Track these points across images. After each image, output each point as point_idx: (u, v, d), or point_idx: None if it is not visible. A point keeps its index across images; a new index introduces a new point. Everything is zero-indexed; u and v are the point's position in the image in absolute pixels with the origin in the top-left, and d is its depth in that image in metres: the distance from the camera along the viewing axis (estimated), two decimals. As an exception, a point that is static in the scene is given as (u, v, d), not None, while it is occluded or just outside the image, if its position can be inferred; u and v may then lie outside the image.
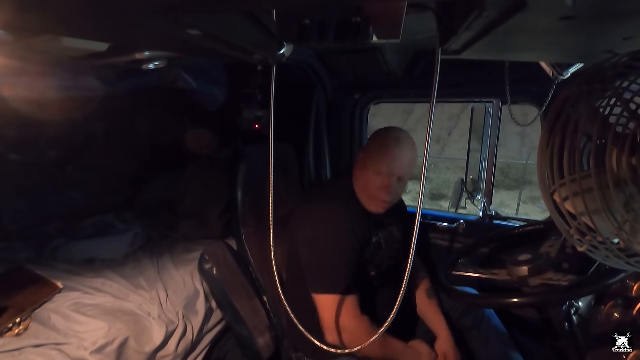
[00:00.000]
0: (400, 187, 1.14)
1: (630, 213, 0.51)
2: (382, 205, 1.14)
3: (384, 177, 1.10)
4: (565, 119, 0.58)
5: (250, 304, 1.27)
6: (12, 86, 0.76)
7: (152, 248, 1.64)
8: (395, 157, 1.10)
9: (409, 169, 1.13)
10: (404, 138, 1.13)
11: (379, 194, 1.11)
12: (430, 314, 1.23)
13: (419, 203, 0.62)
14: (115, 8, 0.30)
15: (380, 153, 1.10)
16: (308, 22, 0.61)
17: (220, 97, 1.44)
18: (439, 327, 1.18)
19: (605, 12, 0.37)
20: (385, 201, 1.13)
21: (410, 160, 1.12)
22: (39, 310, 1.17)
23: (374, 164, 1.10)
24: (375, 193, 1.12)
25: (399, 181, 1.12)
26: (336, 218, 1.10)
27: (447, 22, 0.53)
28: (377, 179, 1.10)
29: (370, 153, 1.13)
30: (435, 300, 1.25)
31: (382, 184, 1.10)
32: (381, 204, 1.14)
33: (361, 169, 1.15)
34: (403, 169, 1.11)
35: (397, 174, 1.11)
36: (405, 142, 1.12)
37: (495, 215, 1.57)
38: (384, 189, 1.10)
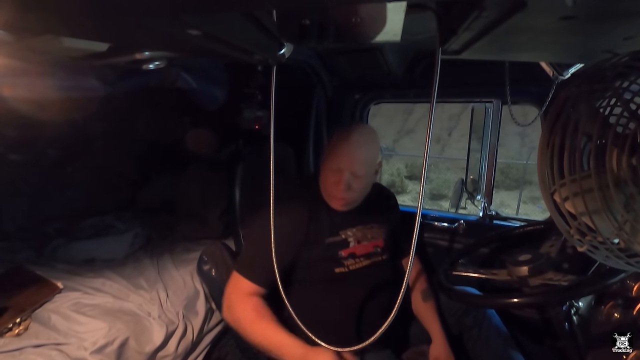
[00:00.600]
0: (357, 184, 1.09)
1: (630, 213, 0.51)
2: (339, 202, 1.12)
3: (335, 173, 1.08)
4: (565, 119, 0.58)
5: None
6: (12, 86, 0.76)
7: (152, 248, 1.64)
8: (345, 152, 1.07)
9: (361, 165, 1.08)
10: (357, 133, 1.10)
11: (334, 190, 1.10)
12: (425, 316, 1.21)
13: (419, 203, 0.62)
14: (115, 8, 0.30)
15: (332, 149, 1.10)
16: (308, 22, 0.61)
17: (220, 97, 1.44)
18: (433, 330, 1.17)
19: (605, 12, 0.37)
20: (341, 198, 1.10)
21: (363, 155, 1.08)
22: (39, 310, 1.17)
23: (328, 161, 1.10)
24: (331, 190, 1.11)
25: (355, 177, 1.08)
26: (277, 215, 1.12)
27: (447, 22, 0.53)
28: (330, 176, 1.09)
29: (326, 150, 1.13)
30: (431, 301, 1.23)
31: (335, 180, 1.08)
32: (338, 201, 1.11)
33: (321, 166, 1.15)
34: (353, 164, 1.07)
35: (348, 170, 1.07)
36: (357, 138, 1.09)
37: (495, 215, 1.57)
38: (336, 185, 1.08)
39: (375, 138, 1.16)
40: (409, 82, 1.53)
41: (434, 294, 1.25)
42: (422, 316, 1.23)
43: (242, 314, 1.02)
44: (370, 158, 1.11)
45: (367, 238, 1.19)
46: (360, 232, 1.18)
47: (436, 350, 1.14)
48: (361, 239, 1.17)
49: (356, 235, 1.17)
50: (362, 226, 1.19)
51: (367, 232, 1.19)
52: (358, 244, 1.16)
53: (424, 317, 1.22)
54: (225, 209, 1.62)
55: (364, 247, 1.17)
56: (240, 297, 1.04)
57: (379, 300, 1.15)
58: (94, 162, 1.90)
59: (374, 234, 1.20)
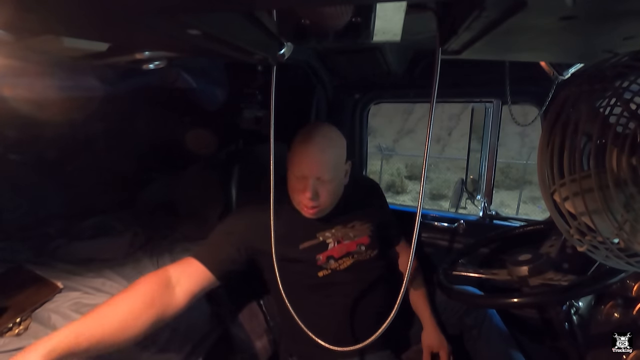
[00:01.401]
0: (325, 189, 1.02)
1: (630, 213, 0.51)
2: (309, 211, 1.05)
3: (300, 180, 1.01)
4: (565, 119, 0.58)
5: (248, 307, 1.27)
6: (12, 86, 0.76)
7: (152, 248, 1.64)
8: (308, 157, 0.99)
9: (327, 169, 1.00)
10: (319, 136, 1.01)
11: (301, 198, 1.03)
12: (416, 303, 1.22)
13: (419, 203, 0.62)
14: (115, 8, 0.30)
15: (293, 154, 1.02)
16: (308, 22, 0.62)
17: (220, 97, 1.44)
18: (424, 318, 1.18)
19: (605, 12, 0.37)
20: (310, 206, 1.03)
21: (328, 159, 1.00)
22: (39, 310, 1.17)
23: (290, 167, 1.03)
24: (299, 198, 1.04)
25: (322, 183, 1.01)
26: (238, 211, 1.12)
27: (447, 22, 0.53)
28: (295, 183, 1.03)
29: (289, 156, 1.04)
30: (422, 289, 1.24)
31: (301, 188, 1.02)
32: (308, 209, 1.04)
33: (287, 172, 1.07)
34: (318, 170, 0.99)
35: (313, 176, 1.00)
36: (319, 140, 1.01)
37: (495, 215, 1.57)
38: (303, 192, 1.01)
39: (339, 137, 1.07)
40: (409, 82, 1.53)
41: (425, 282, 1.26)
42: (413, 304, 1.23)
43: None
44: (336, 160, 1.03)
45: (349, 237, 1.14)
46: (341, 232, 1.13)
47: (428, 338, 1.15)
48: (342, 238, 1.13)
49: (336, 235, 1.12)
50: (341, 226, 1.14)
51: (348, 231, 1.15)
52: (338, 244, 1.12)
53: (414, 304, 1.23)
54: (225, 209, 1.63)
55: (345, 246, 1.13)
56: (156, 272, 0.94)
57: (373, 297, 1.14)
58: (94, 162, 1.90)
59: (357, 232, 1.16)
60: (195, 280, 0.94)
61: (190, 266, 0.96)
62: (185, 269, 0.95)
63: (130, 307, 0.81)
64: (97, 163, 1.91)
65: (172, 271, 0.93)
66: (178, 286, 0.91)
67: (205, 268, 0.97)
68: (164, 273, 0.92)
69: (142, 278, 0.89)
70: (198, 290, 0.95)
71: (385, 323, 0.71)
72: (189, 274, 0.94)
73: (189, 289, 0.92)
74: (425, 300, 1.21)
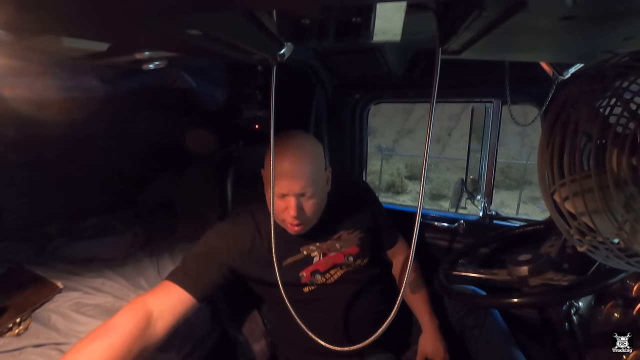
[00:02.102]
0: (310, 204, 0.97)
1: (630, 213, 0.51)
2: (295, 229, 1.00)
3: (280, 198, 0.95)
4: (565, 119, 0.58)
5: (246, 311, 1.28)
6: (12, 86, 0.76)
7: (152, 248, 1.64)
8: (283, 175, 0.92)
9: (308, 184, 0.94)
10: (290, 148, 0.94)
11: (286, 217, 0.98)
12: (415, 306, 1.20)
13: (419, 203, 0.62)
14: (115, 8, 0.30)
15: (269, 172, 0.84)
16: (308, 22, 0.62)
17: (220, 97, 1.44)
18: (423, 321, 1.16)
19: (605, 12, 0.37)
20: (295, 224, 0.98)
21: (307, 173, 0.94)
22: (39, 310, 1.17)
23: (268, 184, 0.93)
24: (282, 216, 0.98)
25: (305, 199, 0.96)
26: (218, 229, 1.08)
27: (447, 22, 0.53)
28: (277, 201, 0.96)
29: (265, 170, 0.97)
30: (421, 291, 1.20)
31: (284, 206, 0.96)
32: (292, 227, 0.99)
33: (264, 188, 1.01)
34: (298, 187, 0.93)
35: (294, 193, 0.94)
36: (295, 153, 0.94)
37: (495, 215, 1.57)
38: (287, 211, 0.96)
39: (315, 146, 1.00)
40: (409, 82, 1.53)
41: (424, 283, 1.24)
42: (412, 307, 1.21)
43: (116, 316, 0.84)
44: (316, 172, 0.97)
45: (336, 248, 1.10)
46: (326, 244, 1.09)
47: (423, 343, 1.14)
48: (327, 250, 1.09)
49: (321, 248, 1.08)
50: (328, 236, 1.10)
51: (334, 242, 1.10)
52: (324, 257, 1.08)
53: (413, 307, 1.21)
54: (224, 209, 1.63)
55: (331, 259, 1.09)
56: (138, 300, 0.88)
57: (368, 305, 1.13)
58: (94, 162, 1.90)
59: (343, 242, 1.11)
60: (178, 311, 0.90)
61: (172, 295, 0.90)
62: (167, 299, 0.89)
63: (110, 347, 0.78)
64: (97, 163, 1.91)
65: (152, 303, 0.87)
66: (160, 320, 0.86)
67: (189, 295, 0.91)
68: (143, 307, 0.86)
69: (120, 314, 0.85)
70: (181, 320, 0.91)
71: (384, 325, 0.71)
72: (171, 305, 0.89)
73: (172, 321, 0.88)
74: (425, 303, 1.19)
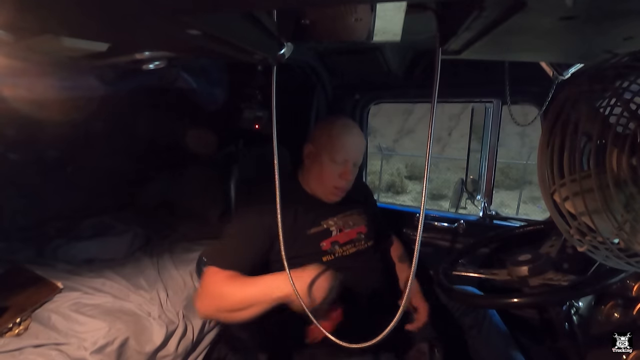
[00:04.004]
0: (354, 173, 1.16)
1: (630, 213, 0.51)
2: (339, 193, 1.15)
3: (340, 165, 1.11)
4: (565, 119, 0.58)
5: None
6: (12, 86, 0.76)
7: (152, 248, 1.64)
8: (350, 143, 1.12)
9: (361, 154, 1.17)
10: (351, 124, 1.16)
11: (338, 182, 1.12)
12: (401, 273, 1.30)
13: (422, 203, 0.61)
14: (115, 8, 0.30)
15: (334, 141, 1.11)
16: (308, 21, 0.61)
17: (220, 97, 1.44)
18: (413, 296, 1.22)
19: (605, 12, 0.37)
20: (343, 189, 1.15)
21: (363, 145, 1.17)
22: (39, 310, 1.17)
23: (329, 153, 1.11)
24: (333, 182, 1.13)
25: (355, 167, 1.15)
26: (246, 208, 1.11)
27: (447, 22, 0.53)
28: (334, 168, 1.11)
29: (322, 143, 1.13)
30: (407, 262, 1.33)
31: (341, 172, 1.12)
32: (338, 192, 1.15)
33: (313, 160, 1.15)
34: (358, 155, 1.14)
35: (352, 160, 1.13)
36: (354, 128, 1.15)
37: (495, 215, 1.57)
38: (343, 176, 1.12)
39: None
40: (409, 82, 1.53)
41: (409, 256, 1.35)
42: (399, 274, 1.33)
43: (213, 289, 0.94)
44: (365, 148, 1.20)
45: (349, 225, 1.20)
46: (342, 220, 1.19)
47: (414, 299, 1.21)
48: (343, 226, 1.18)
49: (337, 223, 1.18)
50: (342, 214, 1.20)
51: (348, 219, 1.21)
52: (340, 232, 1.17)
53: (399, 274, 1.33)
54: (225, 209, 1.63)
55: (346, 234, 1.18)
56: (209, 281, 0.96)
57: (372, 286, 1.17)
58: (94, 162, 1.90)
59: (355, 220, 1.22)
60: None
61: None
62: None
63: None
64: (97, 163, 1.91)
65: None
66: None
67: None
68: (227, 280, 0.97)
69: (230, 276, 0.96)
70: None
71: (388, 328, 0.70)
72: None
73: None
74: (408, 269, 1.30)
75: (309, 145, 1.17)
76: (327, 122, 1.17)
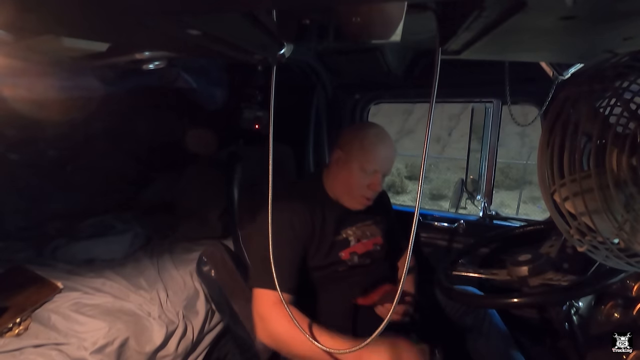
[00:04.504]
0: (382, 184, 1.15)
1: (630, 213, 0.51)
2: (365, 202, 1.13)
3: (370, 175, 1.08)
4: (565, 119, 0.58)
5: (249, 306, 1.26)
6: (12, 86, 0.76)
7: (152, 248, 1.64)
8: (383, 154, 1.09)
9: (392, 166, 1.15)
10: (385, 134, 1.13)
11: (365, 191, 1.10)
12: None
13: (417, 202, 0.61)
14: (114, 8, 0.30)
15: (366, 151, 1.08)
16: (308, 22, 0.61)
17: (220, 97, 1.44)
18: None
19: (605, 12, 0.37)
20: (370, 199, 1.13)
21: (394, 156, 1.14)
22: (39, 310, 1.17)
23: (360, 162, 1.08)
24: (361, 191, 1.10)
25: (383, 178, 1.13)
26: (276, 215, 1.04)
27: (447, 22, 0.53)
28: (363, 177, 1.08)
29: (354, 151, 1.10)
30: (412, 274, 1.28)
31: (371, 182, 1.09)
32: (365, 201, 1.13)
33: (342, 166, 1.11)
34: (389, 166, 1.13)
35: (382, 171, 1.10)
36: (388, 139, 1.13)
37: (495, 215, 1.57)
38: (372, 186, 1.09)
39: None
40: (408, 82, 1.53)
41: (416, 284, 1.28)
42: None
43: (279, 327, 0.90)
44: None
45: (367, 236, 1.18)
46: (360, 230, 1.17)
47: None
48: (361, 237, 1.17)
49: (356, 233, 1.16)
50: (360, 224, 1.18)
51: (365, 229, 1.19)
52: (358, 242, 1.15)
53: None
54: (225, 209, 1.62)
55: (364, 245, 1.16)
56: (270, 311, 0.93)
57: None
58: (94, 162, 1.90)
59: (372, 230, 1.20)
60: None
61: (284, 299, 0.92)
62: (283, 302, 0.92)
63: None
64: (97, 163, 1.91)
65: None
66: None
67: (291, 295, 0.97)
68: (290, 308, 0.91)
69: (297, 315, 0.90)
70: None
71: (382, 324, 0.70)
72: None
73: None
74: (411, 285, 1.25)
75: (339, 151, 1.13)
76: (359, 130, 1.14)
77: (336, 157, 1.13)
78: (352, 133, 1.14)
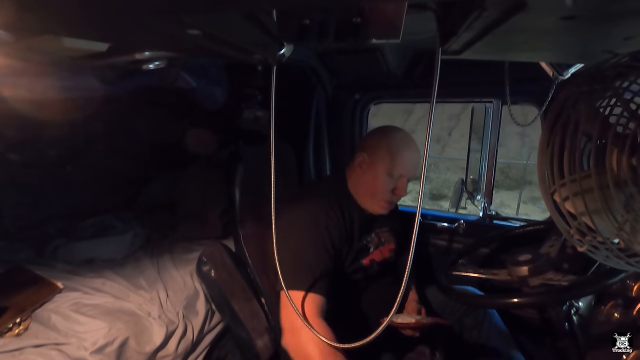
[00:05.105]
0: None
1: (630, 213, 0.51)
2: (387, 206, 1.12)
3: (395, 179, 1.08)
4: (565, 119, 0.58)
5: (249, 306, 1.27)
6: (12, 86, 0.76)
7: (152, 248, 1.64)
8: (409, 159, 1.09)
9: (417, 171, 1.13)
10: (410, 138, 1.13)
11: (390, 196, 1.10)
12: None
13: (419, 203, 0.61)
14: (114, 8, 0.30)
15: (393, 155, 1.07)
16: (308, 22, 0.61)
17: (220, 97, 1.44)
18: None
19: (605, 12, 0.37)
20: (394, 203, 1.13)
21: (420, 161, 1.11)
22: (39, 310, 1.17)
23: (386, 167, 1.07)
24: (385, 195, 1.09)
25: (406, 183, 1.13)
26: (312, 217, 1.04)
27: (447, 22, 0.53)
28: (389, 182, 1.08)
29: (380, 155, 1.09)
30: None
31: (394, 187, 1.09)
32: (387, 205, 1.12)
33: (366, 170, 1.10)
34: (414, 170, 1.12)
35: (407, 176, 1.10)
36: (413, 143, 1.12)
37: (495, 215, 1.57)
38: (397, 191, 1.09)
39: None
40: (408, 82, 1.53)
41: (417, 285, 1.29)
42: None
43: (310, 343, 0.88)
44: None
45: (382, 242, 1.19)
46: (377, 237, 1.18)
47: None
48: (378, 244, 1.17)
49: (374, 240, 1.17)
50: (378, 230, 1.19)
51: (381, 235, 1.20)
52: (376, 249, 1.16)
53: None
54: (225, 209, 1.62)
55: (381, 252, 1.18)
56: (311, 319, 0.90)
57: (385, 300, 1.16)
58: (94, 162, 1.90)
59: (387, 237, 1.21)
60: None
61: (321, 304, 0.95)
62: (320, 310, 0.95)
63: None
64: (97, 163, 1.91)
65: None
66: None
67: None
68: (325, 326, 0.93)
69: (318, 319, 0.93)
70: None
71: (384, 324, 0.71)
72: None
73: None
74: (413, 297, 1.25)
75: (363, 155, 1.11)
76: (385, 134, 1.13)
77: (360, 161, 1.11)
78: (378, 137, 1.13)
